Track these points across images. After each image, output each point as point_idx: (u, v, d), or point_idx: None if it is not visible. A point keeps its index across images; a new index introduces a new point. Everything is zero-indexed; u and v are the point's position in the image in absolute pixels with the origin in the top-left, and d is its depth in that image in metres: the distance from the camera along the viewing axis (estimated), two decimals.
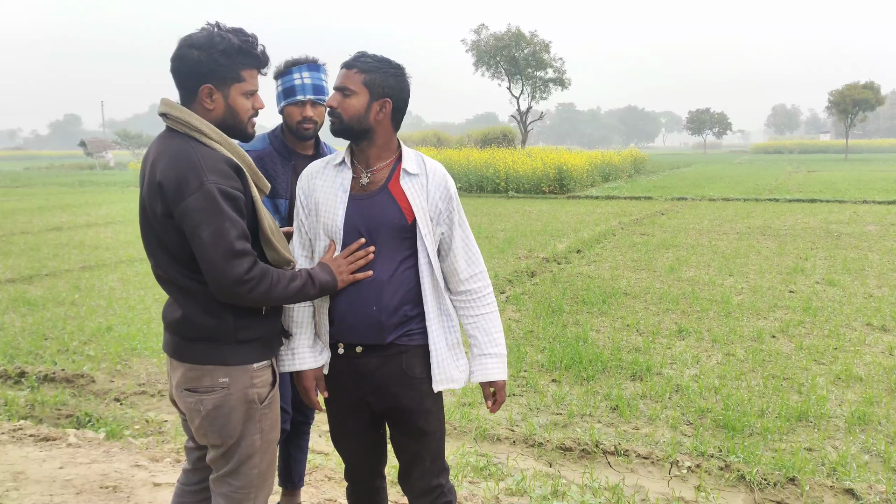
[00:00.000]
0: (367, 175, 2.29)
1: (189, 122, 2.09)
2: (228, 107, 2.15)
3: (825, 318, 6.97)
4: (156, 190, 2.05)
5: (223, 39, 2.09)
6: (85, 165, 57.68)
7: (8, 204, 22.29)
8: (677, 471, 3.87)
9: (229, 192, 2.04)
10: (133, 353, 6.02)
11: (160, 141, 2.15)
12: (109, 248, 12.22)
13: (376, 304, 2.24)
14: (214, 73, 2.10)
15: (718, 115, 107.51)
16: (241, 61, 2.13)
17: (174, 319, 2.16)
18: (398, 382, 2.30)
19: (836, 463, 3.93)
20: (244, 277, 2.01)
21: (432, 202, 2.30)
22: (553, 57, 49.54)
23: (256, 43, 2.16)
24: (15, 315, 7.41)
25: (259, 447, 2.24)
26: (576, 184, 24.94)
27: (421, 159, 2.36)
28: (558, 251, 11.25)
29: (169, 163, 2.04)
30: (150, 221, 2.12)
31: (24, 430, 4.29)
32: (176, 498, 2.47)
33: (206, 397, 2.15)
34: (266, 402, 2.23)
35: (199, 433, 2.22)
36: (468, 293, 2.40)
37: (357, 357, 2.29)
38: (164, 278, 2.17)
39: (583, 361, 5.60)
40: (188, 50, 2.09)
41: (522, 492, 3.62)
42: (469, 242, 2.40)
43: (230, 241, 2.00)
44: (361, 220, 2.25)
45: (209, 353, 2.14)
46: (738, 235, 12.94)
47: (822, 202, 19.16)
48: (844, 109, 57.27)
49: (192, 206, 1.99)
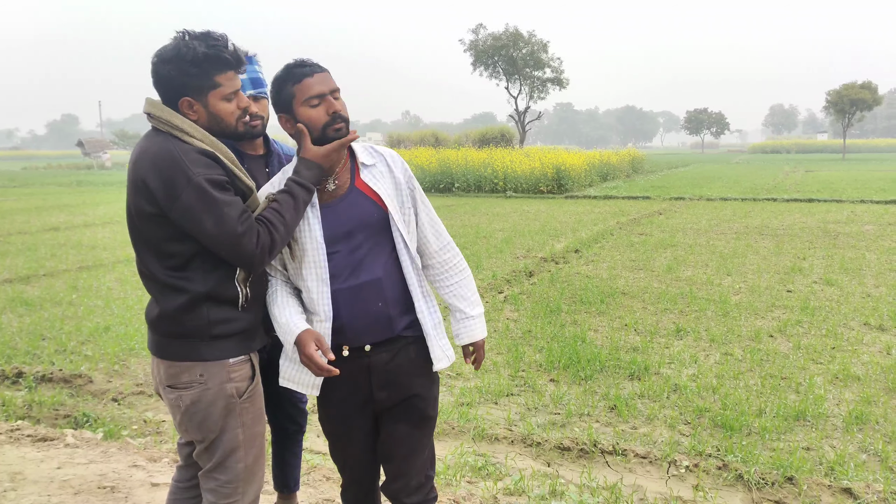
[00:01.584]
0: (333, 181, 2.30)
1: (171, 121, 2.10)
2: (210, 114, 2.16)
3: (823, 318, 6.98)
4: (141, 189, 2.07)
5: (189, 49, 2.08)
6: (82, 165, 57.59)
7: (5, 204, 22.26)
8: (675, 470, 3.87)
9: (216, 180, 2.06)
10: (131, 353, 6.01)
11: (143, 140, 2.17)
12: (107, 248, 12.20)
13: (381, 300, 2.27)
14: (188, 86, 2.11)
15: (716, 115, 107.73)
16: (212, 68, 2.11)
17: (154, 317, 2.19)
18: (408, 372, 2.35)
19: (833, 462, 3.93)
20: (256, 250, 2.10)
21: (398, 185, 2.34)
22: (551, 57, 49.62)
23: (226, 44, 2.14)
24: (12, 315, 7.40)
25: (242, 441, 2.25)
26: (574, 184, 24.94)
27: (371, 149, 2.39)
28: (556, 251, 11.25)
29: (153, 163, 2.05)
30: (134, 219, 2.15)
31: (21, 431, 4.28)
32: (170, 495, 2.51)
33: (185, 393, 2.18)
34: (246, 396, 2.25)
35: (181, 429, 2.27)
36: (441, 264, 2.46)
37: (365, 355, 2.30)
38: (146, 275, 2.20)
39: (581, 361, 5.60)
40: (160, 65, 2.10)
41: (521, 491, 3.62)
42: (432, 215, 2.45)
43: (233, 225, 2.05)
44: (340, 225, 2.25)
45: (186, 350, 2.16)
46: (736, 235, 12.95)
47: (820, 202, 19.17)
48: (842, 109, 57.34)
49: (187, 203, 2.02)
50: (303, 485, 3.53)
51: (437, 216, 2.48)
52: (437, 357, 2.38)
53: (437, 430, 4.34)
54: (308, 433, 4.14)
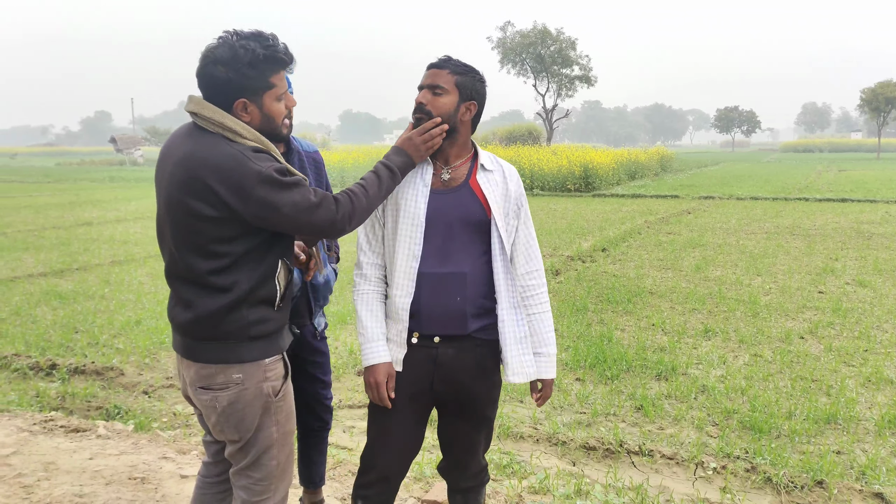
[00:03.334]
0: (448, 171, 2.39)
1: (223, 122, 2.08)
2: (264, 115, 2.17)
3: (855, 320, 6.86)
4: (200, 192, 2.04)
5: (247, 51, 2.06)
6: (115, 161, 58.46)
7: (40, 199, 22.70)
8: (702, 472, 3.84)
9: (281, 168, 2.09)
10: (161, 346, 6.10)
11: (186, 139, 2.13)
12: (138, 244, 12.39)
13: (460, 295, 2.32)
14: (245, 88, 2.10)
15: (747, 113, 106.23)
16: (268, 69, 2.12)
17: (186, 320, 2.16)
18: (472, 374, 2.39)
19: (865, 466, 3.87)
20: (337, 215, 2.13)
21: (508, 196, 2.42)
22: (579, 54, 49.31)
23: (278, 44, 2.14)
24: (46, 308, 7.55)
25: (276, 439, 2.27)
26: (601, 182, 24.79)
27: (494, 158, 2.48)
28: (583, 249, 11.19)
29: (216, 168, 2.03)
30: (180, 220, 2.10)
31: (55, 422, 4.37)
32: (197, 490, 2.52)
33: (221, 394, 2.17)
34: (280, 395, 2.26)
35: (216, 429, 2.25)
36: (524, 289, 2.47)
37: (433, 346, 2.35)
38: (183, 277, 2.16)
39: (607, 360, 5.57)
40: (214, 67, 2.07)
41: (546, 490, 3.61)
42: (531, 240, 2.49)
43: (307, 199, 2.09)
44: (443, 214, 2.34)
45: (222, 352, 2.15)
46: (767, 235, 12.77)
47: (853, 202, 18.84)
48: (877, 107, 56.33)
49: (261, 197, 2.03)
50: (328, 479, 3.56)
51: (537, 244, 2.51)
52: (514, 371, 2.41)
53: None
54: (334, 428, 4.18)
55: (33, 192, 26.51)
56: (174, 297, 2.23)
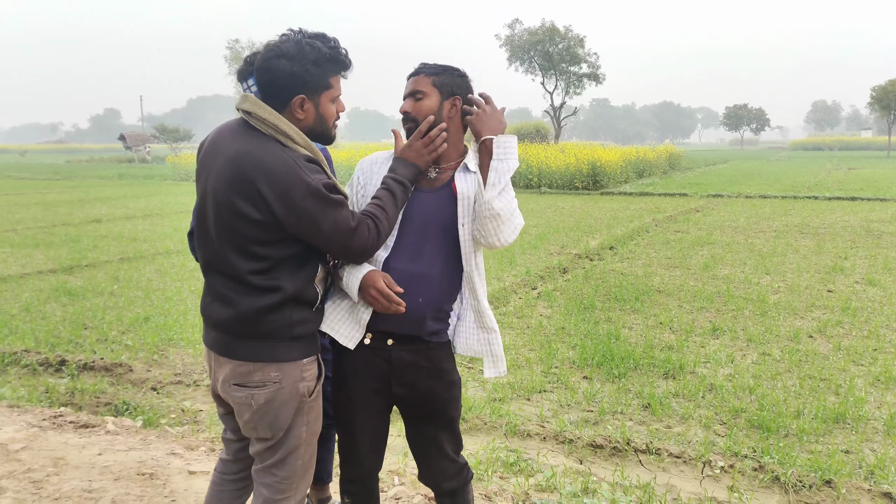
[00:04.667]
0: (434, 171, 2.38)
1: (278, 125, 2.10)
2: (319, 114, 2.19)
3: (865, 319, 6.83)
4: (248, 193, 2.05)
5: (313, 49, 2.10)
6: (124, 159, 58.78)
7: (50, 196, 22.82)
8: (710, 471, 3.83)
9: (329, 184, 2.11)
10: (170, 343, 6.13)
11: (239, 138, 2.14)
12: (147, 241, 12.45)
13: (423, 296, 2.29)
14: (307, 84, 2.12)
15: (756, 111, 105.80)
16: (330, 69, 2.15)
17: (225, 317, 2.16)
18: (430, 376, 2.38)
19: (874, 466, 3.85)
20: (369, 242, 2.18)
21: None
22: (587, 52, 49.23)
23: (340, 47, 2.17)
24: (56, 305, 7.59)
25: (304, 439, 2.28)
26: (609, 180, 24.73)
27: None
28: (591, 248, 11.17)
29: (269, 171, 2.04)
30: (224, 217, 2.11)
31: (64, 417, 4.40)
32: (214, 486, 2.51)
33: (258, 392, 2.17)
34: (314, 396, 2.28)
35: (248, 426, 2.24)
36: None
37: (387, 349, 2.34)
38: (225, 273, 2.16)
39: (615, 359, 5.56)
40: (278, 61, 2.09)
41: (552, 488, 3.61)
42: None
43: (347, 222, 2.12)
44: (421, 214, 2.34)
45: (263, 351, 2.16)
46: (776, 233, 12.72)
47: (863, 200, 18.73)
48: (887, 105, 56.00)
49: (305, 209, 2.05)
50: (335, 476, 3.57)
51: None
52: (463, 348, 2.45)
53: (470, 426, 4.36)
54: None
55: (43, 189, 26.66)
56: (211, 293, 2.23)
